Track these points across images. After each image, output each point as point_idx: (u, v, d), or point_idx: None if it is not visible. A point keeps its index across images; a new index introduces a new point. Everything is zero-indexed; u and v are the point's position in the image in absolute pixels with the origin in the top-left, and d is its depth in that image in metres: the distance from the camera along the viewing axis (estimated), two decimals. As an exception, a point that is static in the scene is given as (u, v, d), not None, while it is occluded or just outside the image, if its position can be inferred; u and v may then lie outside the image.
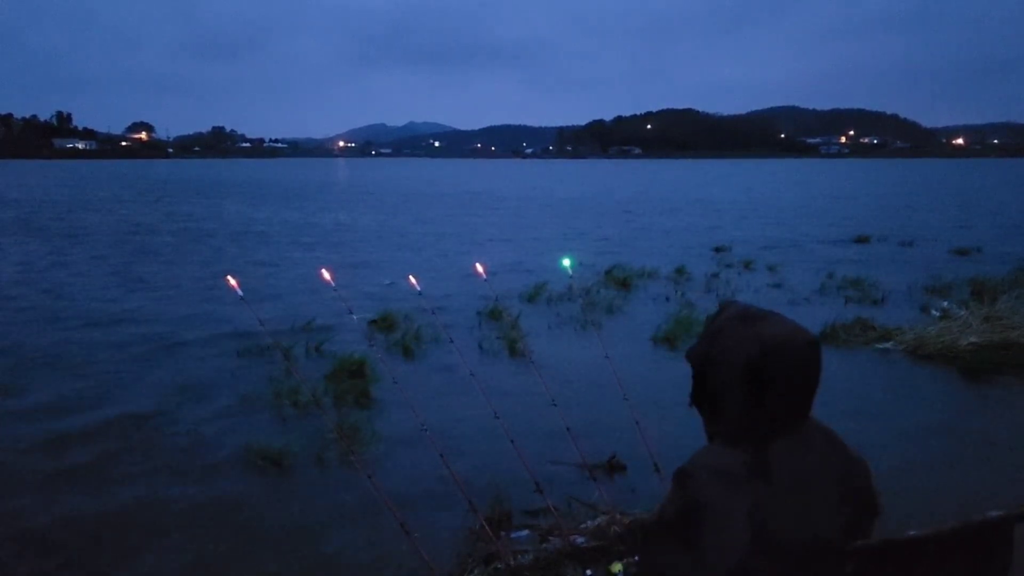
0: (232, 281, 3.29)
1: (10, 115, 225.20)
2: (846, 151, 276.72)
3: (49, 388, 6.26)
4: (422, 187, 49.22)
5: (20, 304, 9.84)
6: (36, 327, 8.49)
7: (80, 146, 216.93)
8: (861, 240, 17.10)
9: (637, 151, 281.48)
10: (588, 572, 3.24)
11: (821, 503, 1.40)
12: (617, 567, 3.19)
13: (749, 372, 1.39)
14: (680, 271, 12.08)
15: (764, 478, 1.37)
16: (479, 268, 4.44)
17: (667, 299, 10.00)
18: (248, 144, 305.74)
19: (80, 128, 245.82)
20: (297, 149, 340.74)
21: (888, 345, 7.36)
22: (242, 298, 3.37)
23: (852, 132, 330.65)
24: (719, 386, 1.44)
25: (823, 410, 1.50)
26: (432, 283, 10.83)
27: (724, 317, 1.48)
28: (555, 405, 3.88)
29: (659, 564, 1.47)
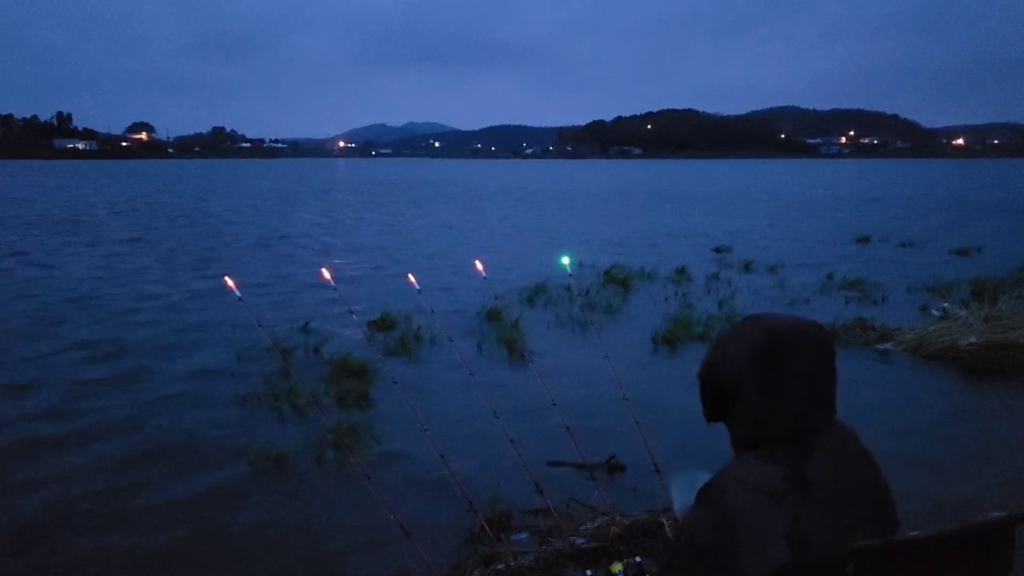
0: (230, 282, 3.28)
1: (10, 115, 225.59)
2: (846, 151, 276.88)
3: (45, 388, 6.26)
4: (425, 187, 49.20)
5: (24, 291, 9.85)
6: (38, 326, 8.49)
7: (80, 146, 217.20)
8: (861, 240, 17.09)
9: (637, 151, 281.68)
10: (588, 573, 3.23)
11: (857, 518, 1.38)
12: (617, 568, 3.18)
13: (759, 355, 1.38)
14: (680, 271, 12.06)
15: (803, 493, 1.31)
16: (479, 266, 4.42)
17: (666, 299, 10.00)
18: (248, 144, 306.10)
19: (80, 128, 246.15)
20: (297, 149, 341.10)
21: (888, 345, 7.35)
22: (240, 299, 3.36)
23: (852, 132, 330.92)
24: (733, 383, 1.41)
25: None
26: (433, 282, 10.83)
27: (729, 327, 1.51)
28: (555, 405, 3.87)
29: None
